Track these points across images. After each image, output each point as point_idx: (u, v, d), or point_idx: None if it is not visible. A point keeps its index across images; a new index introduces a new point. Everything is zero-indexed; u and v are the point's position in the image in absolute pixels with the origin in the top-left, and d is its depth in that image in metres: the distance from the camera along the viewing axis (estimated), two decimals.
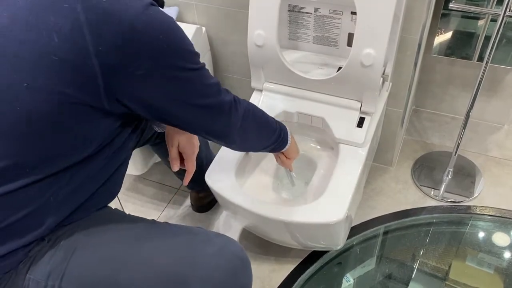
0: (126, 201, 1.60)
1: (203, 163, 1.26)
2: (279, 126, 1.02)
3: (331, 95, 1.23)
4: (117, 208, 0.91)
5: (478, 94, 1.30)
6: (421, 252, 1.36)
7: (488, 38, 1.23)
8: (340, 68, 1.16)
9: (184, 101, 0.75)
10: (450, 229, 1.43)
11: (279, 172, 1.29)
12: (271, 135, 0.99)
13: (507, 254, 1.34)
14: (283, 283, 1.30)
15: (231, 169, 1.17)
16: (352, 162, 1.15)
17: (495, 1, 1.33)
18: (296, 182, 1.30)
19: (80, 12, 0.62)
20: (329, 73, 1.21)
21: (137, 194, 1.64)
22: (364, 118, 1.20)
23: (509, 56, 1.45)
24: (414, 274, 1.31)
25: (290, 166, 1.16)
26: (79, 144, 0.72)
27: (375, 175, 1.61)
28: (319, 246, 1.32)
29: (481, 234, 1.41)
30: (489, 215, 1.45)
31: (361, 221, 1.45)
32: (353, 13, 1.19)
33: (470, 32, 1.46)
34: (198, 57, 0.75)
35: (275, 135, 1.00)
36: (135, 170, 1.46)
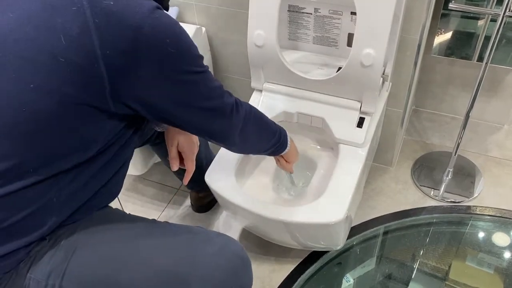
0: (126, 201, 1.60)
1: (203, 163, 1.26)
2: (279, 130, 1.02)
3: (331, 95, 1.23)
4: (117, 208, 0.92)
5: (478, 94, 1.30)
6: (421, 252, 1.36)
7: (488, 38, 1.23)
8: (340, 68, 1.16)
9: (188, 104, 0.76)
10: (450, 229, 1.43)
11: (279, 173, 1.29)
12: (271, 138, 1.00)
13: (507, 254, 1.34)
14: (283, 283, 1.30)
15: (231, 169, 1.17)
16: (352, 162, 1.15)
17: (495, 1, 1.33)
18: (296, 182, 1.30)
19: (89, 16, 0.62)
20: (329, 73, 1.21)
21: (137, 194, 1.64)
22: (364, 118, 1.20)
23: (509, 56, 1.45)
24: (414, 274, 1.31)
25: (291, 169, 1.16)
26: (84, 145, 0.72)
27: (375, 175, 1.61)
28: (319, 246, 1.32)
29: (481, 234, 1.41)
30: (489, 215, 1.45)
31: (361, 221, 1.45)
32: (353, 13, 1.19)
33: (470, 32, 1.46)
34: (202, 60, 0.76)
35: (275, 138, 1.00)
36: (135, 170, 1.46)
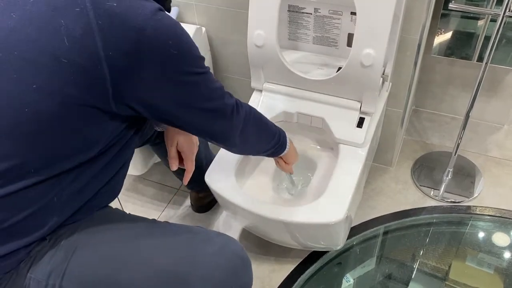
0: (126, 202, 1.60)
1: (203, 163, 1.26)
2: (278, 131, 1.03)
3: (331, 95, 1.23)
4: (117, 208, 0.92)
5: (478, 94, 1.30)
6: (421, 252, 1.36)
7: (488, 38, 1.23)
8: (340, 68, 1.16)
9: (190, 105, 0.76)
10: (450, 229, 1.43)
11: (279, 173, 1.29)
12: (271, 139, 1.00)
13: (507, 254, 1.34)
14: (283, 283, 1.30)
15: (231, 169, 1.17)
16: (352, 162, 1.15)
17: (495, 1, 1.33)
18: (296, 183, 1.30)
19: (92, 17, 0.62)
20: (329, 73, 1.21)
21: (137, 195, 1.64)
22: (364, 118, 1.20)
23: (509, 56, 1.45)
24: (414, 274, 1.31)
25: (290, 170, 1.17)
26: (86, 146, 0.73)
27: (375, 175, 1.61)
28: (319, 246, 1.32)
29: (481, 234, 1.41)
30: (489, 215, 1.45)
31: (361, 221, 1.46)
32: (353, 14, 1.19)
33: (470, 32, 1.46)
34: (203, 61, 0.76)
35: (275, 140, 1.01)
36: (135, 170, 1.46)
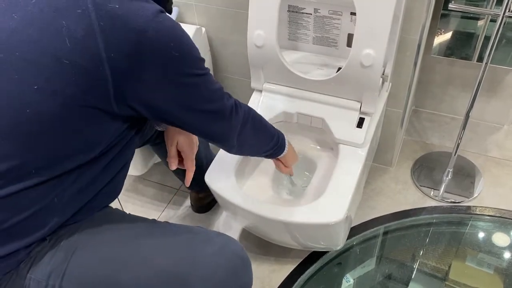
0: (126, 202, 1.60)
1: (203, 163, 1.26)
2: (277, 132, 1.03)
3: (331, 96, 1.23)
4: (118, 208, 0.92)
5: (478, 95, 1.30)
6: (421, 253, 1.36)
7: (488, 39, 1.23)
8: (340, 69, 1.16)
9: (190, 106, 0.76)
10: (450, 230, 1.43)
11: (279, 173, 1.29)
12: (269, 141, 1.00)
13: (507, 254, 1.34)
14: (283, 283, 1.30)
15: (231, 170, 1.17)
16: (352, 163, 1.15)
17: (495, 2, 1.33)
18: (296, 183, 1.30)
19: (94, 19, 0.62)
20: (329, 74, 1.21)
21: (137, 195, 1.64)
22: (364, 119, 1.20)
23: (509, 57, 1.45)
24: (414, 275, 1.31)
25: (290, 172, 1.17)
26: (87, 146, 0.73)
27: (375, 176, 1.61)
28: (319, 247, 1.32)
29: (481, 234, 1.41)
30: (489, 216, 1.45)
31: (361, 222, 1.46)
32: (353, 14, 1.19)
33: (470, 33, 1.46)
34: (204, 63, 0.76)
35: (273, 141, 1.01)
36: (135, 171, 1.46)
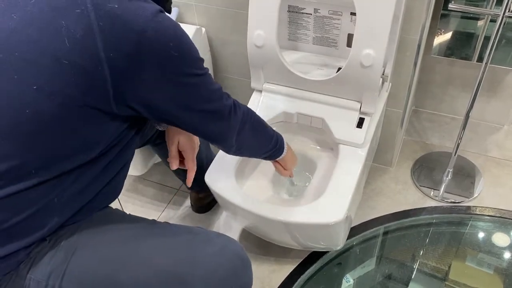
0: (126, 202, 1.60)
1: (203, 163, 1.26)
2: (276, 134, 1.03)
3: (331, 96, 1.23)
4: (118, 208, 0.92)
5: (478, 95, 1.30)
6: (421, 253, 1.36)
7: (488, 39, 1.23)
8: (340, 69, 1.16)
9: (189, 105, 0.76)
10: (450, 230, 1.43)
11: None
12: (268, 143, 1.00)
13: (507, 254, 1.34)
14: (283, 284, 1.30)
15: (231, 170, 1.17)
16: (352, 163, 1.15)
17: (495, 2, 1.33)
18: (296, 183, 1.30)
19: (93, 19, 0.62)
20: (329, 74, 1.21)
21: (137, 195, 1.64)
22: (364, 119, 1.20)
23: (509, 57, 1.45)
24: (414, 275, 1.31)
25: (290, 174, 1.16)
26: (86, 147, 0.73)
27: (375, 176, 1.61)
28: (319, 247, 1.32)
29: (481, 235, 1.41)
30: (489, 216, 1.45)
31: (361, 222, 1.46)
32: (353, 14, 1.19)
33: (470, 33, 1.46)
34: (203, 63, 0.76)
35: (272, 143, 1.01)
36: (135, 171, 1.46)
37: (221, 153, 1.21)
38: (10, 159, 0.67)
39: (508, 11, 1.12)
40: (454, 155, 1.49)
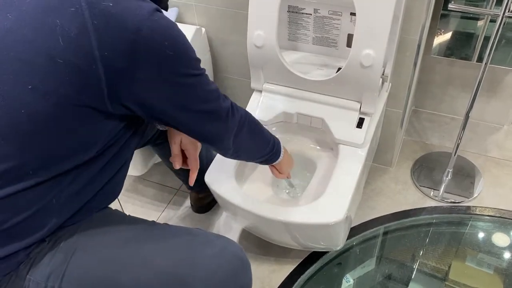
0: (126, 202, 1.60)
1: (203, 164, 1.26)
2: (273, 139, 1.02)
3: (331, 96, 1.23)
4: (117, 209, 0.92)
5: (478, 95, 1.30)
6: (421, 253, 1.36)
7: (488, 39, 1.23)
8: (340, 69, 1.16)
9: (185, 106, 0.76)
10: (450, 230, 1.43)
11: None
12: (266, 146, 1.00)
13: (507, 255, 1.34)
14: (283, 284, 1.30)
15: (231, 170, 1.17)
16: (352, 163, 1.15)
17: (494, 2, 1.33)
18: (296, 183, 1.30)
19: (87, 17, 0.62)
20: (329, 74, 1.21)
21: (137, 195, 1.64)
22: (364, 119, 1.20)
23: (509, 57, 1.45)
24: (414, 275, 1.31)
25: (286, 176, 1.16)
26: (83, 146, 0.72)
27: (375, 176, 1.61)
28: (319, 247, 1.32)
29: (481, 235, 1.41)
30: (489, 216, 1.45)
31: (361, 222, 1.46)
32: (353, 14, 1.19)
33: (470, 33, 1.46)
34: (199, 63, 0.76)
35: (269, 146, 1.01)
36: (135, 171, 1.46)
37: None
38: (9, 160, 0.67)
39: (508, 11, 1.12)
40: (454, 155, 1.49)
